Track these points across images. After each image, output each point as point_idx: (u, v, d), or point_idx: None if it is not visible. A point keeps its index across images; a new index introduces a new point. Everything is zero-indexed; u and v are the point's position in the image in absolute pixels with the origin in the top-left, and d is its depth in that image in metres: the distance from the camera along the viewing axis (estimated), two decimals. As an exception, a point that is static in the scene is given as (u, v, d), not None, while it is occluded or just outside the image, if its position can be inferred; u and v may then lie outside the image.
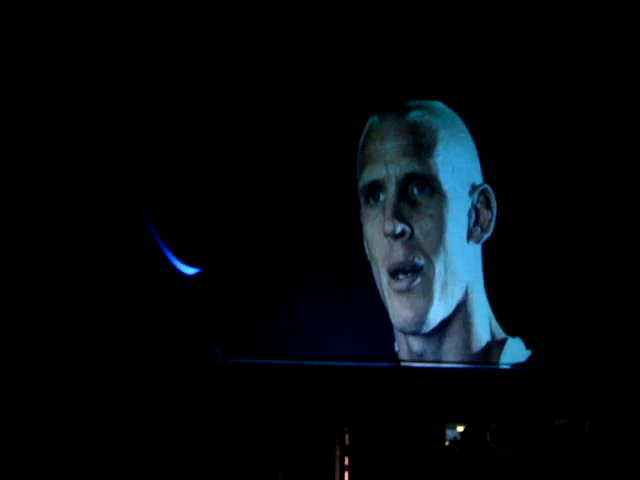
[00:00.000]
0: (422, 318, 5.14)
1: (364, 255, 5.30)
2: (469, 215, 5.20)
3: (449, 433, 5.53)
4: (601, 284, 5.18)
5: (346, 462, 5.45)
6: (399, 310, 5.18)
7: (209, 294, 5.35)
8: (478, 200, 5.20)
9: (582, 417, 5.26)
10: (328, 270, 5.31)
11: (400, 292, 5.15)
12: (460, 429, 5.54)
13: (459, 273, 5.16)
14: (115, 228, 5.26)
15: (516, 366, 5.20)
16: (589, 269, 5.19)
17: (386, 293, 5.22)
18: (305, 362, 5.33)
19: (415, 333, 5.20)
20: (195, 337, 5.31)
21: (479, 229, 5.21)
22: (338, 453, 5.46)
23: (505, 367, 5.19)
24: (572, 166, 5.25)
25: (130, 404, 5.17)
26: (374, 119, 5.36)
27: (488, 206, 5.22)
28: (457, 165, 5.19)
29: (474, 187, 5.21)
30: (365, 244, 5.31)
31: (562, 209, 5.25)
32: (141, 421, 5.17)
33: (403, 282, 5.12)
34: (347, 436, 5.48)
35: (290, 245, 5.36)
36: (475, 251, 5.22)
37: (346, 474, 5.45)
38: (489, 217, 5.21)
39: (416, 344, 5.22)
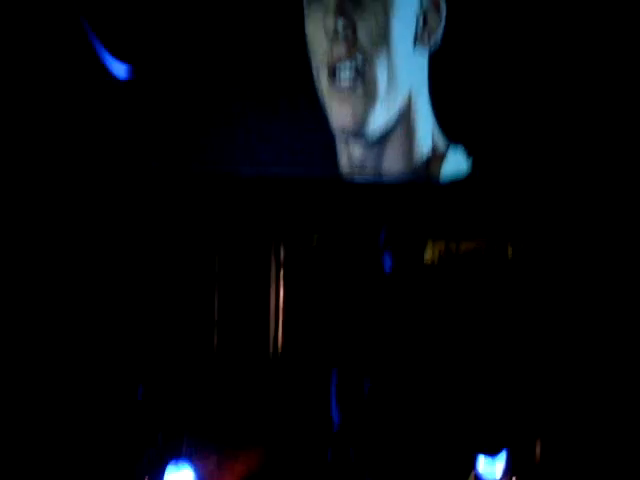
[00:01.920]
0: (363, 116, 4.98)
1: (305, 63, 5.05)
2: (417, 19, 5.00)
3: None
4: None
5: (281, 275, 5.40)
6: (339, 109, 5.00)
7: (142, 98, 5.13)
8: (428, 4, 5.00)
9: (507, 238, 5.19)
10: (266, 76, 5.09)
11: (340, 90, 4.97)
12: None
13: (402, 77, 4.98)
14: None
15: (456, 179, 5.09)
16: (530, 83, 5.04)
17: (325, 93, 5.03)
18: (242, 171, 5.19)
19: (356, 134, 5.03)
20: (128, 144, 5.13)
21: (427, 35, 5.01)
22: (274, 267, 5.39)
23: (446, 180, 5.09)
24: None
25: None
26: None
27: (437, 11, 5.01)
28: (406, -37, 4.97)
29: (424, -11, 5.00)
30: (307, 44, 5.07)
31: (511, 23, 5.03)
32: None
33: (343, 80, 4.95)
34: (282, 249, 5.41)
35: (226, 48, 5.11)
36: (421, 58, 5.02)
37: (281, 287, 5.39)
38: (438, 23, 5.02)
39: (357, 151, 5.07)
